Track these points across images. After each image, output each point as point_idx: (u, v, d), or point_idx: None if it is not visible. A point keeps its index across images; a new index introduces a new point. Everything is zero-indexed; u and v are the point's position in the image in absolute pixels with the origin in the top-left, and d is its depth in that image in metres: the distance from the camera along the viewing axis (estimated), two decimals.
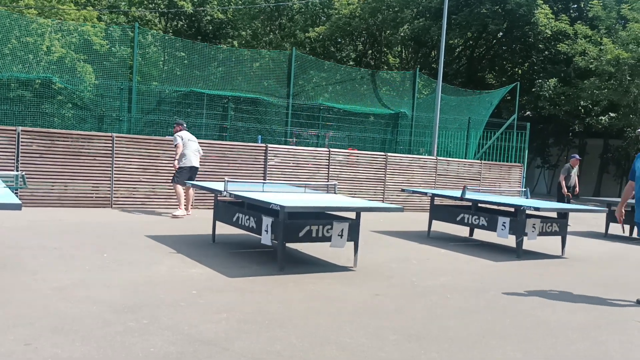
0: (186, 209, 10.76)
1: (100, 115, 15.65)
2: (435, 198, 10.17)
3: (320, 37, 29.23)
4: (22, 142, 10.56)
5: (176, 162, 10.51)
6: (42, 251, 6.56)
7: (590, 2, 24.25)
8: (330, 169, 13.82)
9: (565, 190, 13.25)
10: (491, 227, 8.59)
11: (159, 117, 15.95)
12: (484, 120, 20.35)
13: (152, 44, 17.85)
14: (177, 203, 10.71)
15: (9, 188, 5.86)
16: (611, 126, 24.27)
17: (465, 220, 9.15)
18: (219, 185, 7.82)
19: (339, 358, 3.77)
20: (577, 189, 13.67)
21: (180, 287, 5.27)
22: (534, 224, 8.28)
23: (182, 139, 10.59)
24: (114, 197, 11.34)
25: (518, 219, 8.23)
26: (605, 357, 4.16)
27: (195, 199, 12.14)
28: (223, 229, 8.53)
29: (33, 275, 5.38)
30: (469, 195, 9.41)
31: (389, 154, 15.09)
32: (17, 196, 5.08)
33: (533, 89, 24.84)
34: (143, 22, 27.64)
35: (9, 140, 10.47)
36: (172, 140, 11.12)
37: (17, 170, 10.24)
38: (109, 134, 11.44)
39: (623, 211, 6.50)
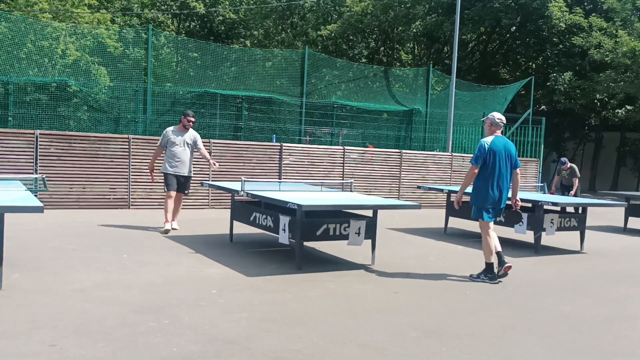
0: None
1: (116, 117, 15.76)
2: (452, 194, 10.13)
3: (332, 35, 29.19)
4: (40, 145, 10.68)
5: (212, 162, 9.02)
6: (62, 253, 6.64)
7: None
8: (345, 167, 13.81)
9: (553, 190, 13.74)
10: (509, 223, 8.54)
11: (174, 117, 16.01)
12: None
13: (165, 46, 17.93)
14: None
15: (30, 191, 5.93)
16: (628, 119, 24.00)
17: None
18: (235, 185, 7.85)
19: (359, 356, 3.77)
20: (573, 192, 13.49)
21: (199, 287, 5.30)
22: (552, 219, 8.22)
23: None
24: (132, 198, 11.43)
25: (536, 214, 8.17)
26: (628, 351, 4.12)
27: (212, 199, 12.22)
28: (240, 228, 8.57)
29: (54, 277, 5.45)
30: None
31: (404, 151, 15.05)
32: (37, 199, 5.15)
33: (548, 83, 24.63)
34: (156, 24, 27.77)
35: (27, 144, 10.60)
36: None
37: (37, 173, 10.37)
38: (126, 136, 11.53)
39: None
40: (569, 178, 13.82)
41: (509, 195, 6.52)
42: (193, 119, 8.81)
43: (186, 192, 8.92)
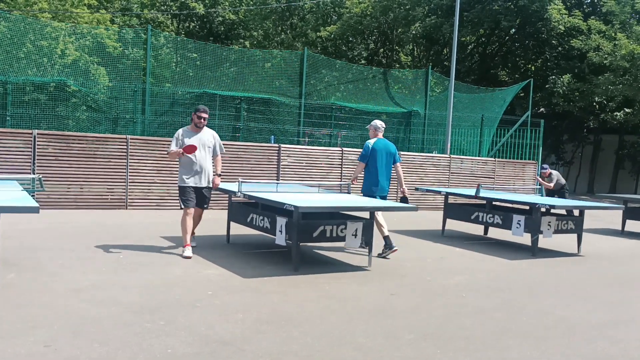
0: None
1: (114, 117, 15.76)
2: (449, 196, 10.14)
3: (332, 36, 29.23)
4: (38, 145, 10.68)
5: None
6: (60, 253, 6.63)
7: None
8: (343, 168, 13.82)
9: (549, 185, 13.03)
10: (506, 225, 8.55)
11: (173, 118, 16.03)
12: (498, 118, 20.23)
13: (164, 46, 17.93)
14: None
15: (26, 191, 5.92)
16: (626, 122, 24.04)
17: (480, 219, 9.11)
18: (232, 186, 7.85)
19: (355, 358, 3.77)
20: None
21: (196, 288, 5.30)
22: (550, 222, 8.23)
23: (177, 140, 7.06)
24: (129, 198, 11.43)
25: (533, 216, 8.18)
26: (624, 355, 4.12)
27: (209, 200, 12.20)
28: (237, 229, 8.57)
29: (51, 277, 5.45)
30: (483, 193, 9.38)
31: (402, 152, 15.05)
32: (34, 199, 5.14)
33: (547, 86, 24.66)
34: (155, 24, 27.79)
35: (25, 144, 10.59)
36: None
37: (34, 173, 10.36)
38: (124, 136, 11.53)
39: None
40: (556, 181, 12.80)
41: (396, 186, 7.93)
42: (205, 115, 7.09)
43: (206, 206, 7.28)
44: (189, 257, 6.68)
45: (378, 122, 7.94)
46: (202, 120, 7.07)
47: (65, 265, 6.02)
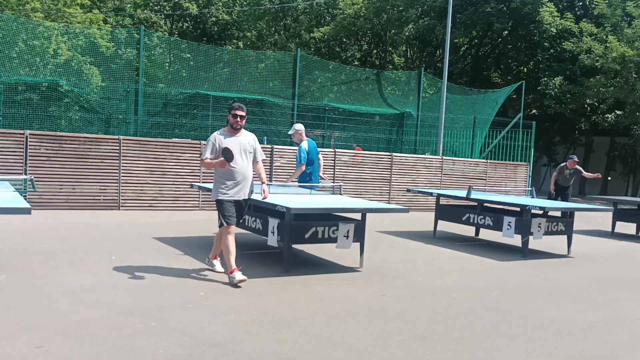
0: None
1: (107, 117, 15.74)
2: (441, 198, 10.19)
3: (325, 37, 29.25)
4: (30, 145, 10.65)
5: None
6: (51, 254, 6.63)
7: (595, 0, 24.17)
8: (336, 170, 13.85)
9: (553, 188, 12.81)
10: (497, 226, 8.61)
11: (165, 119, 16.03)
12: (490, 119, 20.33)
13: (157, 46, 17.92)
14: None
15: (18, 192, 5.92)
16: (617, 124, 24.19)
17: (471, 220, 9.17)
18: None
19: (345, 359, 3.80)
20: (586, 176, 13.14)
21: (187, 289, 5.32)
22: (540, 224, 8.29)
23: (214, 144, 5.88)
24: (122, 199, 11.41)
25: (524, 218, 8.24)
26: (611, 356, 4.18)
27: (202, 201, 12.22)
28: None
29: (43, 279, 5.45)
30: (474, 195, 9.43)
31: (395, 154, 15.11)
32: (25, 200, 5.14)
33: (539, 88, 24.79)
34: (148, 24, 27.73)
35: (17, 144, 10.56)
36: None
37: (26, 174, 10.33)
38: (116, 137, 11.52)
39: None
40: (569, 178, 12.85)
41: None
42: (242, 112, 5.87)
43: (241, 220, 6.18)
44: (244, 280, 5.60)
45: (302, 125, 8.43)
46: (239, 120, 5.84)
47: (57, 266, 6.02)
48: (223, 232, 5.85)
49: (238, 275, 5.61)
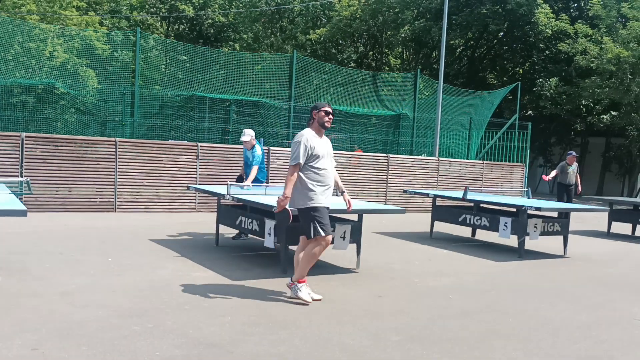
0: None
1: (103, 120, 15.70)
2: (437, 199, 10.21)
3: (321, 39, 29.28)
4: (26, 147, 10.63)
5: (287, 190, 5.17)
6: (47, 256, 6.62)
7: (590, 1, 24.25)
8: None
9: (548, 178, 13.01)
10: (493, 227, 8.63)
11: (162, 121, 16.01)
12: (486, 121, 20.36)
13: (154, 48, 17.90)
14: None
15: (14, 194, 5.91)
16: (613, 125, 24.26)
17: (467, 221, 9.19)
18: (222, 189, 7.87)
19: (341, 359, 3.81)
20: (580, 188, 13.52)
21: (184, 291, 5.32)
22: (536, 224, 8.31)
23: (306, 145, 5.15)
24: (118, 201, 11.40)
25: (520, 219, 8.26)
26: (607, 356, 4.19)
27: (199, 203, 12.21)
28: (226, 232, 8.58)
29: (39, 281, 5.44)
30: (470, 195, 9.45)
31: (391, 155, 15.13)
32: (22, 202, 5.13)
33: (534, 89, 24.85)
34: (145, 27, 27.73)
35: (13, 146, 10.54)
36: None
37: (22, 176, 10.31)
38: (112, 139, 11.50)
39: None
40: (572, 175, 13.11)
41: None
42: (331, 109, 5.26)
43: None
44: (314, 301, 5.20)
45: (250, 131, 8.46)
46: (331, 118, 5.26)
47: (53, 268, 6.02)
48: (318, 243, 5.13)
49: (305, 292, 5.14)
